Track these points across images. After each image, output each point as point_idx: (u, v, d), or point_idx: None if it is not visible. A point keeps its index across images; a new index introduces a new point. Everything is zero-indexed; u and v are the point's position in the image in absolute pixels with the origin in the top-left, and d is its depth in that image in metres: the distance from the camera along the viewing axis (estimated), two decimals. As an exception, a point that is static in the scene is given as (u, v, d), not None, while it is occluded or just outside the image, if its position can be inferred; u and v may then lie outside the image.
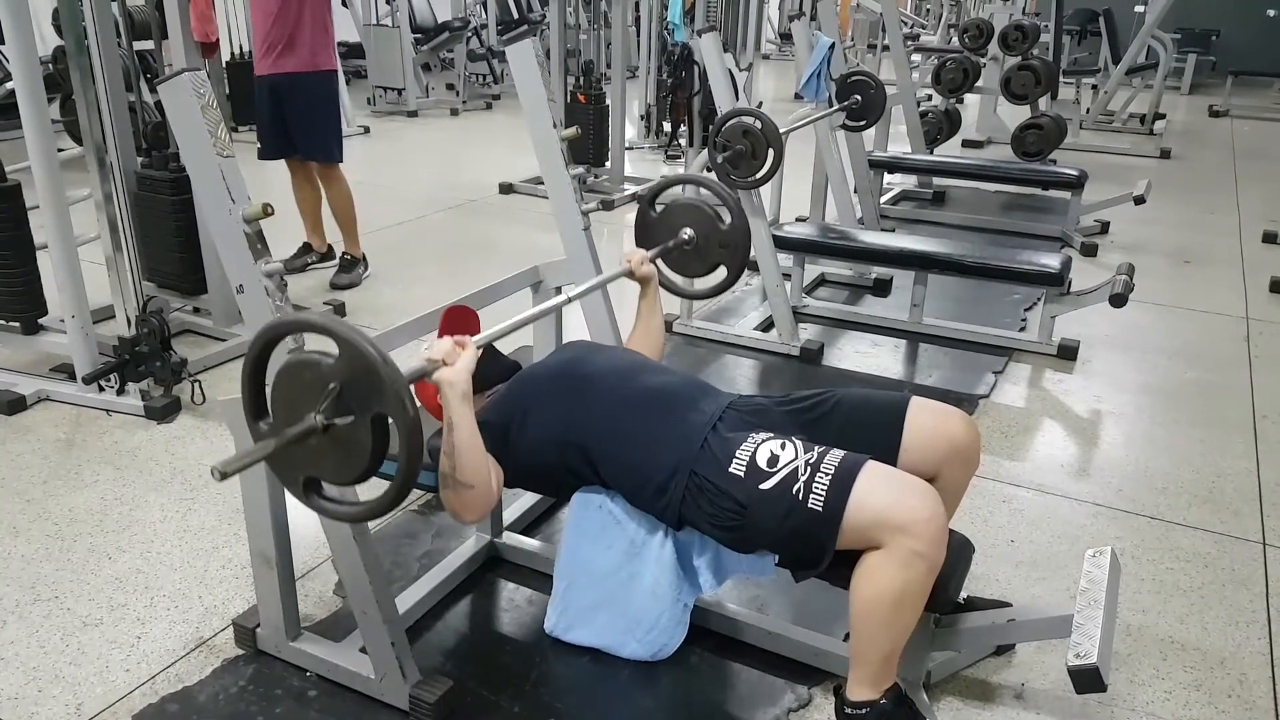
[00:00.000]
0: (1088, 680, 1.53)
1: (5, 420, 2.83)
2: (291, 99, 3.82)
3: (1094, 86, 8.99)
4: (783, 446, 1.60)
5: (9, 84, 2.97)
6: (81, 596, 2.07)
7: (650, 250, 2.16)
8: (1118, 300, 3.25)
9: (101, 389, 2.90)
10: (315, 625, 2.00)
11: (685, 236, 2.21)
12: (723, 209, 2.22)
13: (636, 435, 1.72)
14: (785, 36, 12.70)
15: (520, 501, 2.40)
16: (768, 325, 3.68)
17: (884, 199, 5.55)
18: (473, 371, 1.54)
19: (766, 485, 1.56)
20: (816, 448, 1.60)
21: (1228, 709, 1.86)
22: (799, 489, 1.54)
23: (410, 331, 1.93)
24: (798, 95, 6.43)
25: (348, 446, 1.26)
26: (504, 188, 5.85)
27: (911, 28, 11.57)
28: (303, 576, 2.11)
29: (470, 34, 9.46)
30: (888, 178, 5.70)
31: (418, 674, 1.75)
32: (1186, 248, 5.03)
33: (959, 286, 4.04)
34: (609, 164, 5.93)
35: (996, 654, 1.94)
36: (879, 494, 1.52)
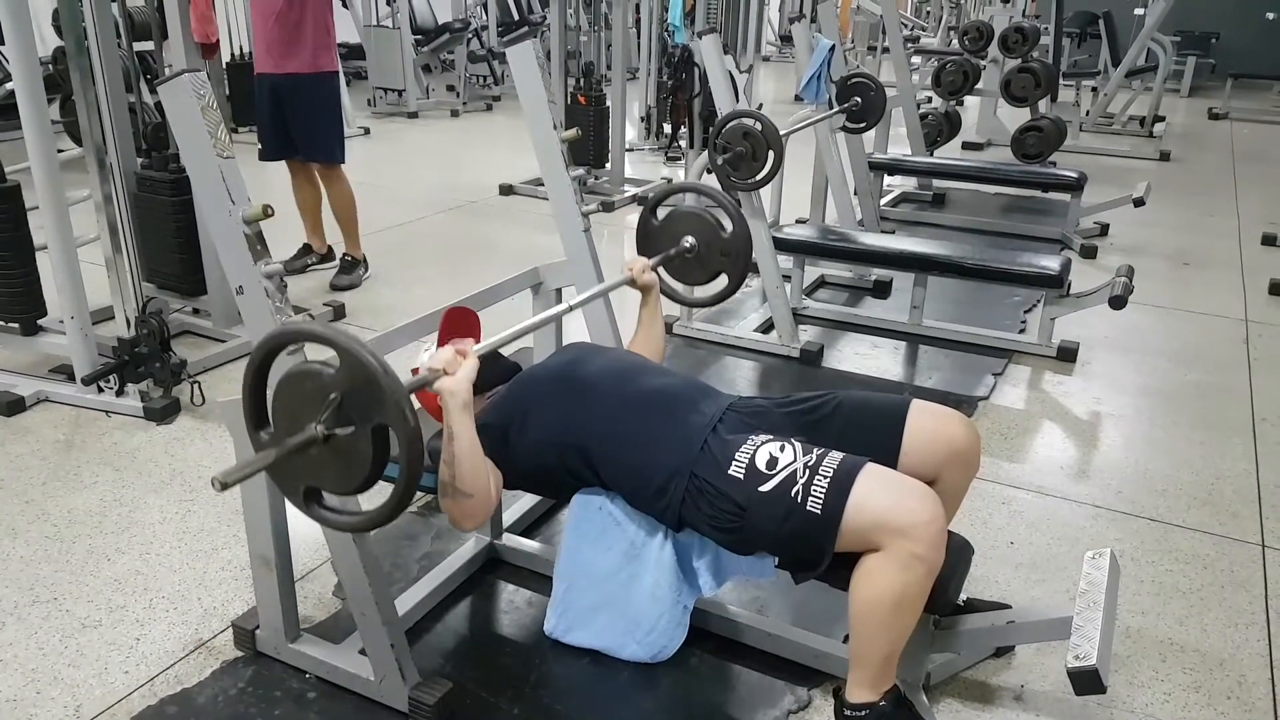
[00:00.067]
0: (1087, 682, 1.54)
1: (4, 421, 2.83)
2: (293, 100, 3.81)
3: (1094, 89, 8.99)
4: (782, 449, 1.60)
5: (9, 84, 2.97)
6: (80, 598, 2.07)
7: (652, 259, 2.16)
8: (1117, 302, 3.25)
9: (101, 390, 2.90)
10: (315, 627, 2.00)
11: (687, 244, 2.21)
12: (724, 217, 2.22)
13: (637, 437, 1.72)
14: (785, 38, 12.70)
15: (520, 503, 2.40)
16: (768, 327, 3.68)
17: (884, 201, 5.55)
18: (474, 380, 1.54)
19: (766, 487, 1.56)
20: (815, 450, 1.60)
21: (1227, 710, 1.86)
22: (798, 491, 1.54)
23: (410, 333, 1.93)
24: (798, 97, 6.42)
25: (348, 457, 1.27)
26: (504, 189, 5.85)
27: (911, 30, 11.58)
28: (302, 578, 2.11)
29: (471, 35, 9.46)
30: (887, 180, 5.70)
31: (417, 676, 1.75)
32: (1186, 250, 5.04)
33: (959, 288, 4.04)
34: (609, 166, 5.94)
35: (996, 656, 1.94)
36: (878, 496, 1.52)
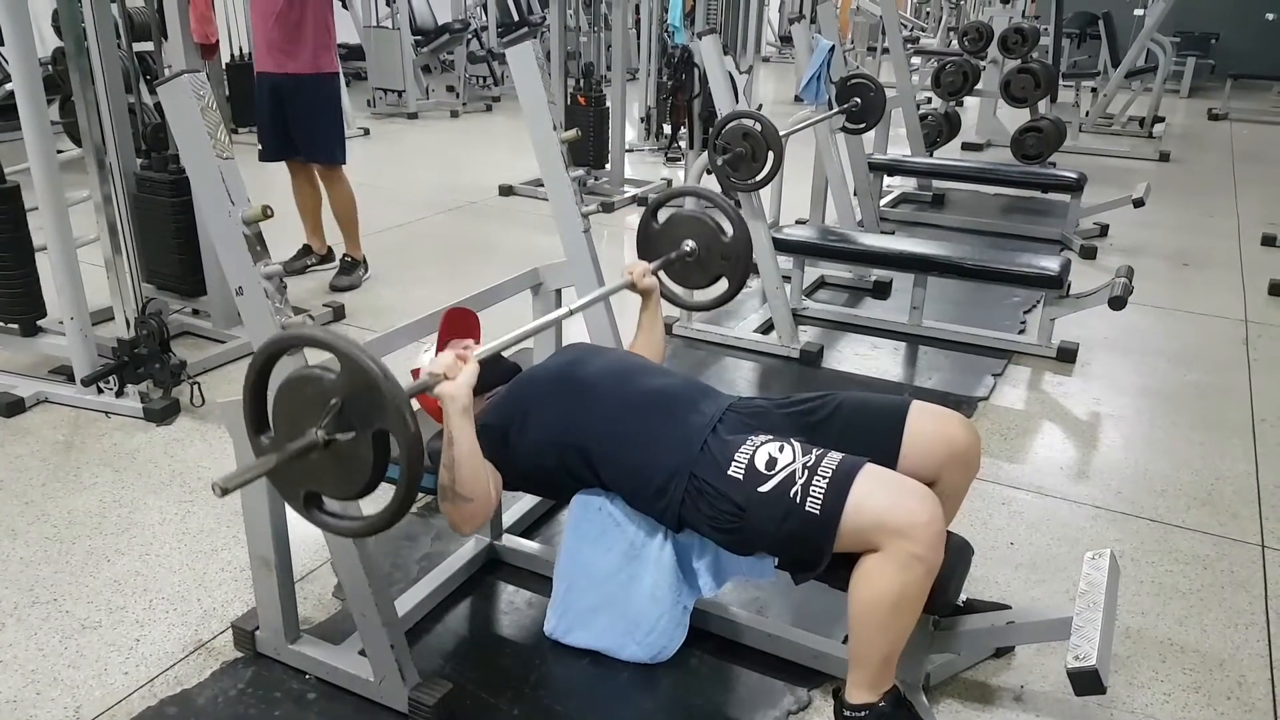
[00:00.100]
0: (1087, 682, 1.54)
1: (4, 422, 2.83)
2: (293, 101, 3.81)
3: (1093, 89, 8.99)
4: (781, 449, 1.60)
5: (8, 85, 2.97)
6: (80, 599, 2.07)
7: (653, 262, 2.17)
8: (1117, 303, 3.25)
9: (100, 391, 2.90)
10: (314, 628, 2.00)
11: (687, 248, 2.22)
12: (725, 221, 2.22)
13: (637, 437, 1.72)
14: (785, 39, 12.70)
15: (520, 504, 2.40)
16: (767, 327, 3.68)
17: (884, 201, 5.56)
18: (474, 385, 1.55)
19: (765, 488, 1.56)
20: (815, 450, 1.60)
21: (1227, 711, 1.86)
22: (796, 492, 1.54)
23: (410, 333, 1.93)
24: (798, 98, 6.43)
25: (349, 462, 1.27)
26: (504, 190, 5.86)
27: (911, 31, 11.58)
28: (302, 579, 2.11)
29: (470, 36, 9.46)
30: (887, 180, 5.70)
31: (417, 677, 1.75)
32: (1185, 250, 5.04)
33: (958, 289, 4.04)
34: (609, 166, 5.94)
35: (996, 656, 1.94)
36: (876, 497, 1.52)
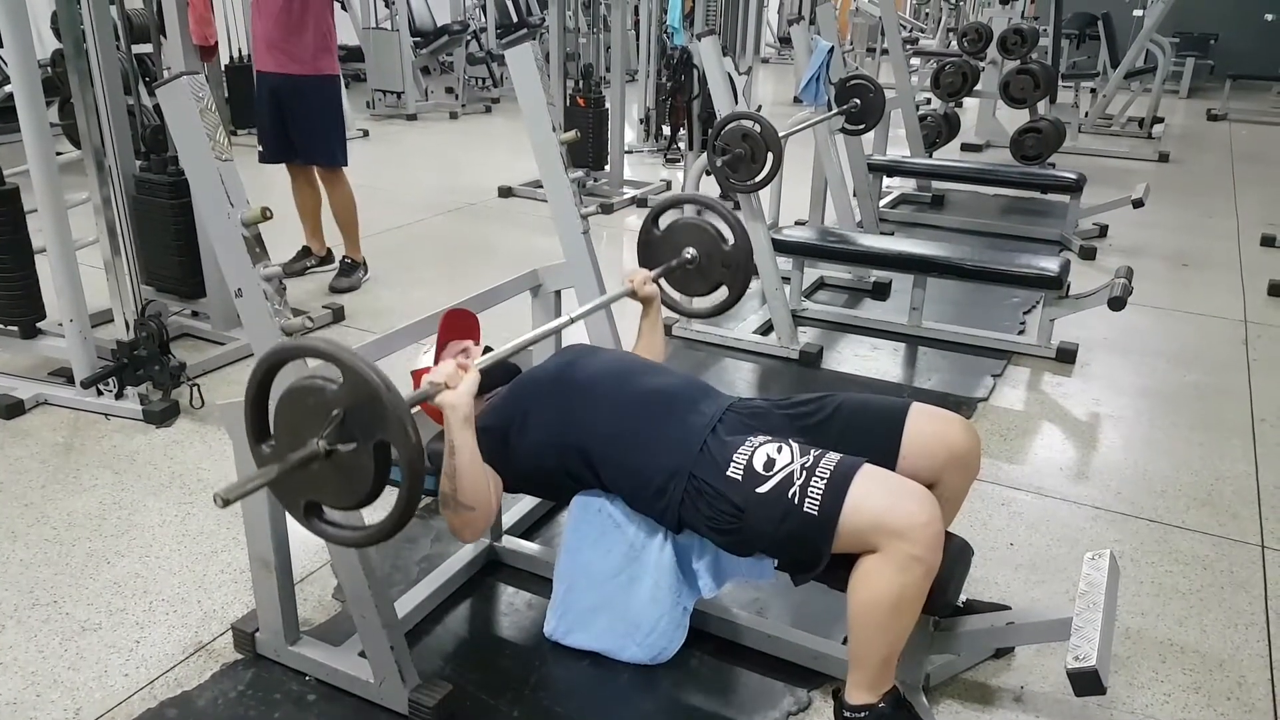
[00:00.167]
0: (1087, 683, 1.53)
1: (4, 424, 2.83)
2: (293, 103, 3.81)
3: (1093, 90, 8.99)
4: (779, 450, 1.60)
5: (7, 87, 2.97)
6: (80, 601, 2.07)
7: (653, 270, 2.17)
8: (1116, 303, 3.25)
9: (100, 393, 2.90)
10: (314, 629, 2.00)
11: (688, 256, 2.22)
12: (726, 228, 2.23)
13: (637, 437, 1.72)
14: (784, 40, 12.70)
15: (519, 505, 2.40)
16: (767, 328, 3.68)
17: (883, 202, 5.55)
18: (474, 394, 1.55)
19: (763, 489, 1.56)
20: (813, 451, 1.60)
21: (1227, 711, 1.86)
22: (794, 493, 1.54)
23: (410, 335, 1.93)
24: (797, 99, 6.43)
25: (349, 473, 1.27)
26: (503, 191, 5.85)
27: (910, 32, 11.57)
28: (302, 581, 2.11)
29: (469, 37, 9.46)
30: (886, 181, 5.70)
31: (417, 678, 1.75)
32: (1185, 251, 5.04)
33: (958, 290, 4.04)
34: (608, 168, 5.94)
35: (996, 657, 1.94)
36: (875, 498, 1.52)
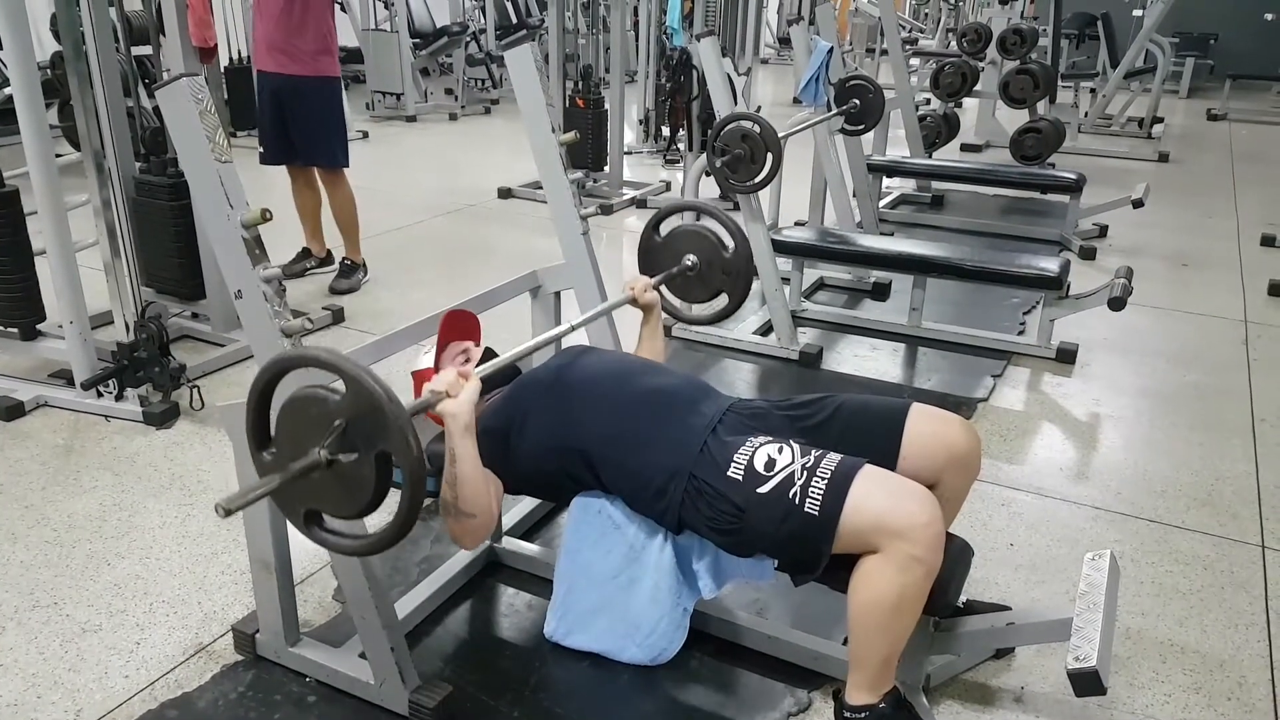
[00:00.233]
0: (1087, 683, 1.53)
1: (4, 426, 2.83)
2: (293, 104, 3.81)
3: (1092, 90, 8.99)
4: (780, 450, 1.60)
5: (7, 89, 2.97)
6: (80, 602, 2.07)
7: (654, 277, 2.17)
8: (1116, 304, 3.25)
9: (100, 394, 2.90)
10: (314, 631, 2.00)
11: (688, 263, 2.23)
12: (726, 235, 2.23)
13: (637, 438, 1.72)
14: (784, 41, 12.70)
15: (519, 506, 2.40)
16: (767, 329, 3.68)
17: (883, 203, 5.56)
18: (475, 404, 1.55)
19: (764, 489, 1.56)
20: (814, 451, 1.60)
21: (1227, 712, 1.86)
22: (795, 493, 1.54)
23: (410, 336, 1.93)
24: (796, 99, 6.43)
25: (350, 482, 1.27)
26: (502, 192, 5.86)
27: (910, 32, 11.58)
28: (302, 582, 2.11)
29: (469, 39, 9.46)
30: (886, 181, 5.70)
31: (417, 679, 1.75)
32: (1185, 251, 5.04)
33: (958, 290, 4.04)
34: (608, 169, 5.94)
35: (996, 657, 1.94)
36: (875, 498, 1.52)
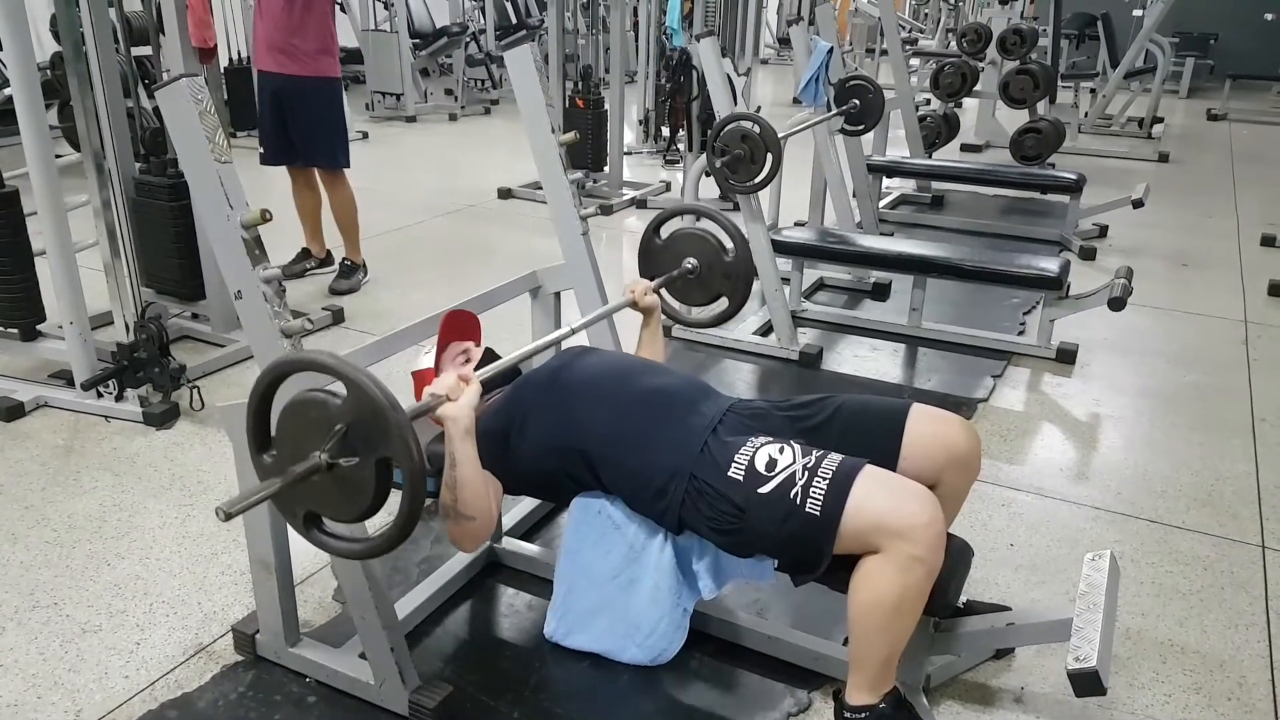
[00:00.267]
0: (1087, 684, 1.53)
1: (4, 427, 2.83)
2: (294, 104, 3.82)
3: (1092, 90, 8.99)
4: (781, 450, 1.60)
5: (7, 90, 2.97)
6: (80, 603, 2.07)
7: (654, 281, 2.17)
8: (1116, 304, 3.25)
9: (100, 395, 2.90)
10: (314, 631, 2.00)
11: (689, 266, 2.23)
12: (727, 239, 2.23)
13: (637, 438, 1.72)
14: (784, 41, 12.71)
15: (519, 507, 2.40)
16: (766, 329, 3.68)
17: (882, 203, 5.56)
18: (476, 407, 1.55)
19: (765, 489, 1.56)
20: (815, 452, 1.60)
21: (1227, 712, 1.85)
22: (796, 493, 1.54)
23: (410, 336, 1.93)
24: (796, 100, 6.43)
25: (350, 487, 1.27)
26: (502, 193, 5.86)
27: (910, 32, 11.58)
28: (302, 582, 2.11)
29: (468, 39, 9.47)
30: (886, 182, 5.70)
31: (417, 679, 1.75)
32: (1185, 251, 5.04)
33: (958, 290, 4.04)
34: (607, 169, 5.94)
35: (996, 658, 1.94)
36: (876, 498, 1.52)
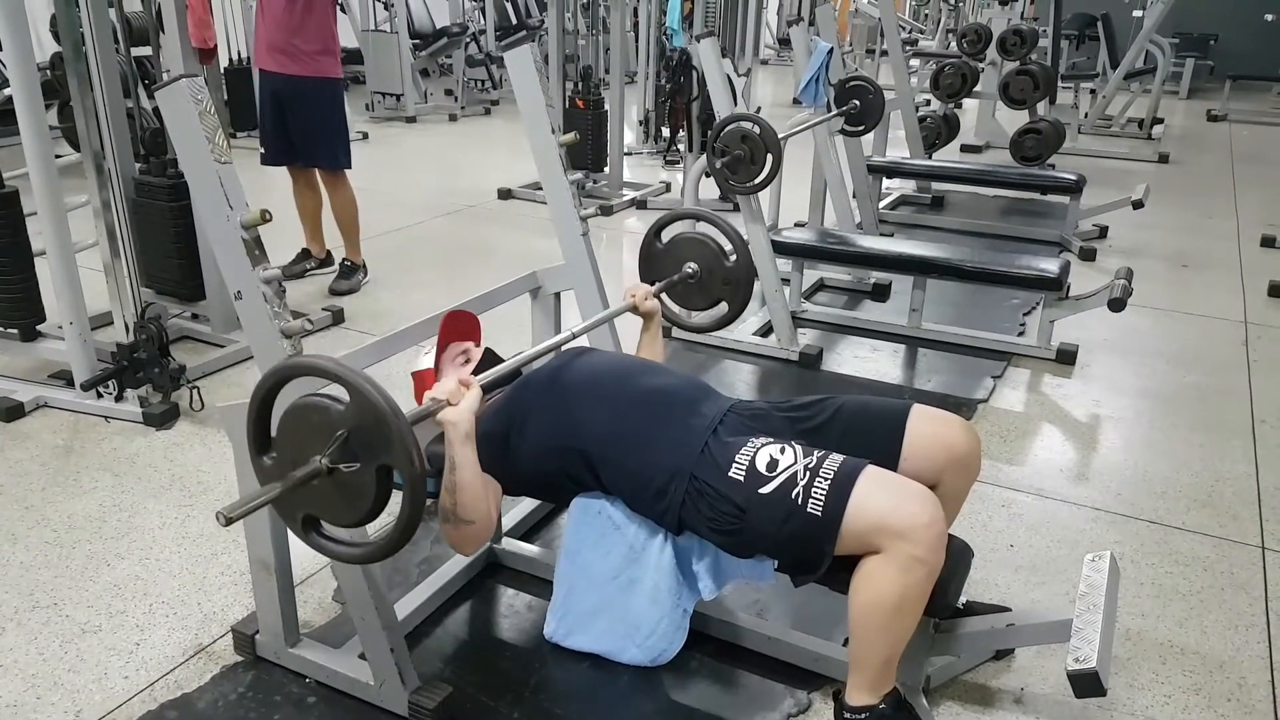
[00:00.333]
0: (1087, 684, 1.53)
1: (4, 427, 2.83)
2: (294, 105, 3.82)
3: (1092, 91, 8.99)
4: (782, 451, 1.60)
5: (7, 90, 2.97)
6: (80, 603, 2.07)
7: (655, 285, 2.17)
8: (1116, 305, 3.25)
9: (100, 395, 2.90)
10: (314, 631, 2.00)
11: (689, 271, 2.23)
12: (727, 244, 2.23)
13: (637, 438, 1.72)
14: (784, 41, 12.71)
15: (519, 507, 2.40)
16: (766, 330, 3.68)
17: (883, 204, 5.56)
18: (476, 410, 1.55)
19: (766, 490, 1.56)
20: (816, 452, 1.60)
21: (1227, 713, 1.85)
22: (798, 493, 1.54)
23: (410, 337, 1.93)
24: (796, 100, 6.43)
25: (350, 492, 1.27)
26: (502, 193, 5.86)
27: (910, 33, 11.58)
28: (302, 583, 2.11)
29: (469, 40, 9.47)
30: (886, 182, 5.70)
31: (417, 680, 1.75)
32: (1185, 252, 5.04)
33: (958, 291, 4.03)
34: (608, 169, 5.94)
35: (996, 659, 1.93)
36: (878, 499, 1.52)
